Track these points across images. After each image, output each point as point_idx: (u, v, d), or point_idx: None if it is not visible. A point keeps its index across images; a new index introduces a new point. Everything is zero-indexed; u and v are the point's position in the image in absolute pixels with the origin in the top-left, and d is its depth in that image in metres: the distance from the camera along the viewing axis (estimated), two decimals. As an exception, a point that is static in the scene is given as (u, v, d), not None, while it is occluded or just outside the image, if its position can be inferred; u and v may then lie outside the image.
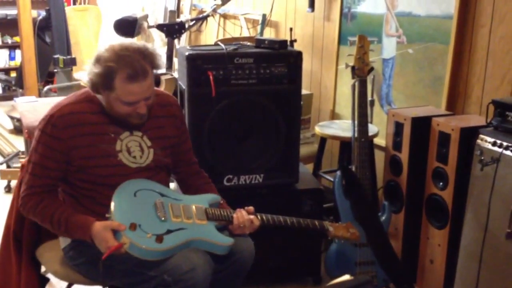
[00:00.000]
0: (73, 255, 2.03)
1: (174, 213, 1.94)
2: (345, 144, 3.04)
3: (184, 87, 2.58)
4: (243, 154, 2.63)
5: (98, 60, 1.88)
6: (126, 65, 1.85)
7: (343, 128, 3.13)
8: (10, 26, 6.83)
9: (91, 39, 6.34)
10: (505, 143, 2.24)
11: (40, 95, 5.38)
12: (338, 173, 2.63)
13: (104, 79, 1.87)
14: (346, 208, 2.58)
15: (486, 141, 2.33)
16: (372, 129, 2.96)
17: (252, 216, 2.03)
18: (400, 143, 2.74)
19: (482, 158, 2.33)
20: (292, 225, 2.10)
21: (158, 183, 2.04)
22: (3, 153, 4.94)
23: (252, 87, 2.55)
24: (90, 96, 1.97)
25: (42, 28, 5.80)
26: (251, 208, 2.07)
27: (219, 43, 2.70)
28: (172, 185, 2.36)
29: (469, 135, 2.42)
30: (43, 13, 5.95)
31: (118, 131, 1.99)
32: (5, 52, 7.22)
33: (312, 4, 3.75)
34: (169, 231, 1.87)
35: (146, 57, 1.90)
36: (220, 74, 2.50)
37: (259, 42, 2.67)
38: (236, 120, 2.58)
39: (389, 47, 3.20)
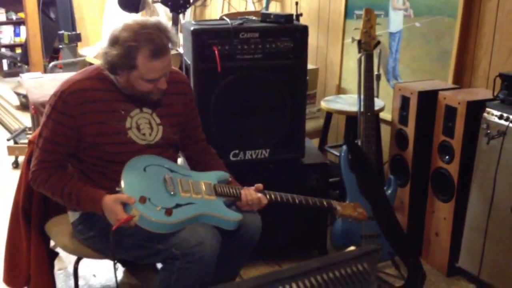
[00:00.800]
0: (82, 229, 2.05)
1: (183, 188, 1.96)
2: (351, 118, 3.04)
3: (189, 62, 2.58)
4: (249, 129, 2.64)
5: (116, 41, 1.86)
6: (148, 42, 1.85)
7: (349, 102, 3.12)
8: (14, 2, 6.80)
9: (96, 15, 6.32)
10: (511, 116, 2.24)
11: (45, 71, 5.38)
12: (344, 147, 2.64)
13: (126, 59, 1.86)
14: (352, 182, 2.59)
15: (492, 115, 2.32)
16: (378, 103, 2.95)
17: (260, 194, 2.04)
18: (406, 117, 2.73)
19: (489, 131, 2.33)
20: (300, 204, 2.11)
21: (167, 159, 2.05)
22: (10, 129, 4.97)
23: (258, 62, 2.53)
24: (101, 73, 1.97)
25: (46, 3, 5.78)
26: (260, 185, 2.08)
27: (224, 17, 2.68)
28: (179, 160, 2.37)
29: (476, 108, 2.42)
30: (47, -11, 5.92)
31: (128, 108, 1.99)
32: (10, 28, 7.20)
33: (318, -23, 3.72)
34: (178, 205, 1.89)
35: (163, 32, 1.90)
36: (225, 49, 2.48)
37: (265, 17, 2.65)
38: (241, 95, 2.57)
39: (396, 20, 3.18)
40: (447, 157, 2.57)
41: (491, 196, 2.36)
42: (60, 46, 5.50)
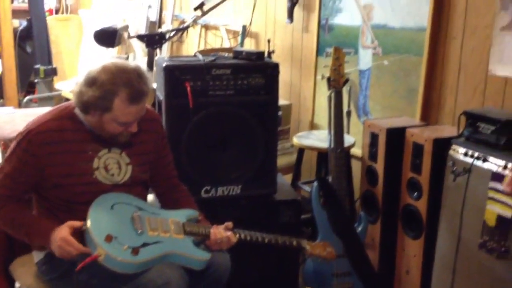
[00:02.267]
0: (46, 270, 2.02)
1: (151, 226, 1.95)
2: (322, 154, 3.06)
3: (161, 98, 2.59)
4: (221, 165, 2.63)
5: (94, 83, 1.85)
6: (126, 86, 1.85)
7: (321, 138, 3.15)
8: (-10, 35, 6.78)
9: (73, 49, 6.32)
10: (476, 153, 2.27)
11: (20, 105, 5.35)
12: (315, 184, 2.65)
13: (102, 101, 1.85)
14: (323, 219, 2.60)
15: (458, 152, 2.36)
16: (348, 139, 2.98)
17: (229, 233, 2.03)
18: (375, 154, 2.76)
19: (455, 168, 2.36)
20: (269, 243, 2.11)
21: (136, 197, 2.04)
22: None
23: (230, 98, 2.55)
24: (71, 112, 1.97)
25: (23, 37, 5.79)
26: (230, 223, 2.07)
27: (197, 54, 2.71)
28: (150, 197, 2.36)
29: (442, 145, 2.45)
30: (24, 23, 5.93)
31: (97, 149, 1.99)
32: (-15, 62, 7.16)
33: (290, 15, 3.79)
34: (145, 244, 1.88)
35: (142, 78, 1.91)
36: (197, 85, 2.50)
37: (237, 54, 2.68)
38: (214, 131, 2.58)
39: (365, 58, 3.24)
40: (415, 193, 2.59)
41: (459, 233, 2.38)
42: (36, 81, 5.49)
